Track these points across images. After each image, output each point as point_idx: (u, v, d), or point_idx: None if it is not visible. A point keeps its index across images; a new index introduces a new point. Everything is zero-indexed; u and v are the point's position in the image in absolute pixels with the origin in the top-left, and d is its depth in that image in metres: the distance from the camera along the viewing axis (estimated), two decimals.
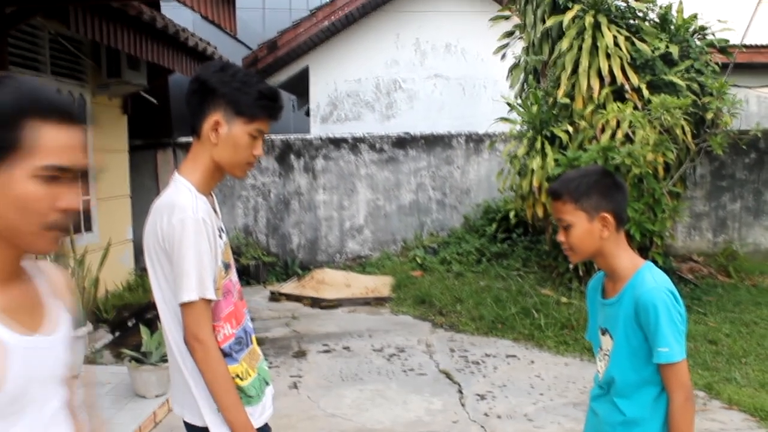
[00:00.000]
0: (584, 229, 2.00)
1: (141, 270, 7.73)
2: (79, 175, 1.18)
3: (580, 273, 7.17)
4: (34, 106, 1.12)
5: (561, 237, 2.06)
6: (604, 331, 2.13)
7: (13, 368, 1.14)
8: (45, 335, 1.23)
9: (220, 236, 2.05)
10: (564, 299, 6.99)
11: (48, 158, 1.12)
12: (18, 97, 1.11)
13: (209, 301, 1.94)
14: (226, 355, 1.99)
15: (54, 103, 1.15)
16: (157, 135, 9.04)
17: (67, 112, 1.16)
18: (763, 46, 10.52)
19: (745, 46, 8.24)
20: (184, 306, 1.92)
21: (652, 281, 1.97)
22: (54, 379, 1.27)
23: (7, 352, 1.13)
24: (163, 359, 4.58)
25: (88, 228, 7.01)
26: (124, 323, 6.41)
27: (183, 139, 9.06)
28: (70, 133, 1.16)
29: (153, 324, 4.95)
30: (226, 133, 1.98)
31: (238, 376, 2.02)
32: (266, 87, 2.05)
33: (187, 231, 1.91)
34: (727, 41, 7.71)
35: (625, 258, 2.05)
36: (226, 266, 2.07)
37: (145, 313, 6.51)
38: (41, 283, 1.30)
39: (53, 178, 1.13)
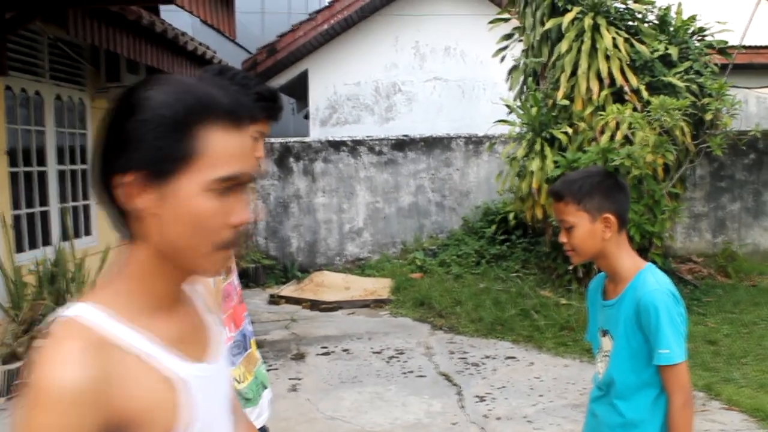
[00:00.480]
0: (586, 230, 2.00)
1: None
2: (249, 185, 1.03)
3: (580, 274, 7.18)
4: (206, 110, 0.98)
5: (563, 238, 2.05)
6: (604, 333, 2.13)
7: (198, 405, 1.01)
8: (212, 362, 1.09)
9: None
10: (563, 301, 7.00)
11: (222, 168, 0.97)
12: (188, 100, 0.97)
13: None
14: None
15: (227, 105, 1.01)
16: None
17: (240, 115, 1.03)
18: (762, 47, 10.52)
19: (744, 47, 8.24)
20: None
21: (654, 283, 1.97)
22: (226, 407, 1.14)
23: (189, 389, 0.99)
24: None
25: (88, 232, 7.02)
26: None
27: None
28: (242, 138, 1.02)
29: None
30: None
31: (235, 379, 2.02)
32: (265, 88, 2.06)
33: None
34: (726, 42, 7.72)
35: (627, 259, 2.05)
36: (227, 270, 2.08)
37: None
38: (198, 302, 1.15)
39: (227, 190, 0.98)
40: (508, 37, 8.42)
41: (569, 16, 7.07)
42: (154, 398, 0.93)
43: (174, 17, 7.95)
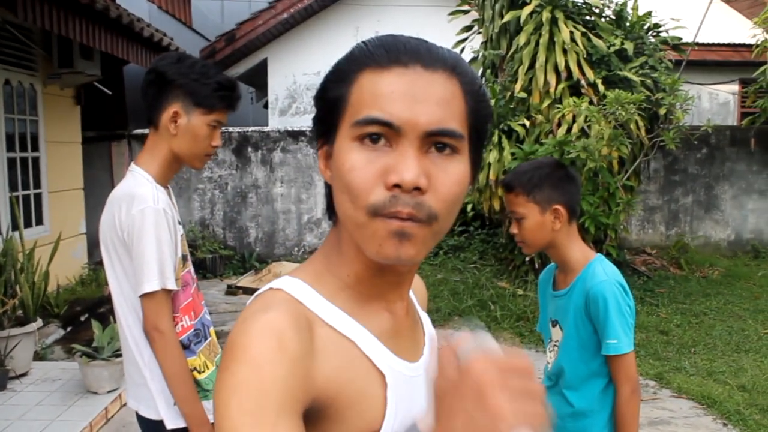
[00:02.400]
0: (536, 221, 2.01)
1: (95, 264, 7.58)
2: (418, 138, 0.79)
3: (536, 266, 7.25)
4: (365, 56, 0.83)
5: (514, 229, 2.07)
6: (554, 323, 2.15)
7: (405, 405, 0.88)
8: (421, 362, 0.96)
9: (178, 228, 2.05)
10: (520, 291, 7.08)
11: (365, 110, 0.80)
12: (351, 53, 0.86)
13: (169, 291, 1.94)
14: (184, 347, 1.99)
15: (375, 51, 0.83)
16: (111, 127, 8.86)
17: (388, 57, 0.82)
18: (714, 45, 10.76)
19: (698, 44, 8.41)
20: (145, 296, 1.91)
21: (602, 274, 1.99)
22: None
23: (399, 387, 0.89)
24: (116, 354, 4.50)
25: (39, 221, 6.85)
26: (75, 318, 6.29)
27: (138, 131, 8.89)
28: (395, 80, 0.81)
29: (105, 318, 4.86)
30: (185, 124, 1.98)
31: (195, 369, 2.01)
32: (224, 78, 2.06)
33: (148, 221, 1.90)
34: (680, 39, 7.86)
35: (577, 250, 2.07)
36: (184, 258, 2.07)
37: (98, 308, 6.40)
38: (416, 298, 1.05)
39: (377, 140, 0.80)
40: (468, 29, 8.45)
41: (527, 9, 7.12)
42: (363, 387, 0.84)
43: (130, 2, 7.79)
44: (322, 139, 0.87)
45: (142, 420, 2.06)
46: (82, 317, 6.32)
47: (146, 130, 2.06)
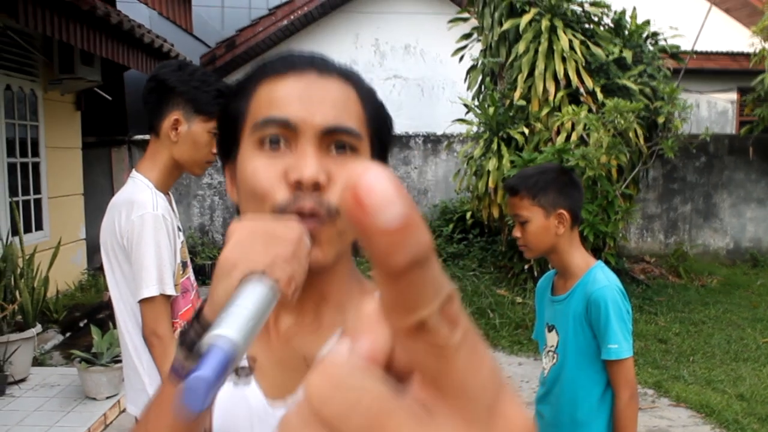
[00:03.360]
0: (540, 225, 2.02)
1: (94, 269, 7.58)
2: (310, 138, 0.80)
3: (535, 273, 7.25)
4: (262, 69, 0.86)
5: (517, 232, 2.07)
6: (550, 328, 2.15)
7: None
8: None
9: (178, 235, 2.05)
10: (519, 299, 7.08)
11: (262, 113, 0.81)
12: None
13: (168, 297, 1.94)
14: None
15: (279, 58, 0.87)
16: (111, 132, 8.88)
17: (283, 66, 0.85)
18: (713, 53, 10.79)
19: (696, 53, 8.44)
20: (144, 301, 1.92)
21: (604, 279, 2.00)
22: None
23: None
24: (115, 360, 4.50)
25: (39, 226, 6.86)
26: (75, 324, 6.28)
27: (138, 137, 8.91)
28: (290, 84, 0.83)
29: (104, 324, 4.86)
30: (185, 131, 2.00)
31: None
32: (224, 85, 2.08)
33: (147, 227, 1.91)
34: (678, 47, 7.89)
35: (578, 256, 2.08)
36: (184, 264, 2.08)
37: (97, 314, 6.40)
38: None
39: (276, 142, 0.80)
40: (467, 36, 8.47)
41: (527, 18, 7.15)
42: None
43: (131, 9, 7.81)
44: (226, 157, 0.87)
45: None
46: (81, 323, 6.32)
47: (146, 136, 2.08)
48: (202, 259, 8.88)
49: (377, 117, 0.87)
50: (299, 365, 0.83)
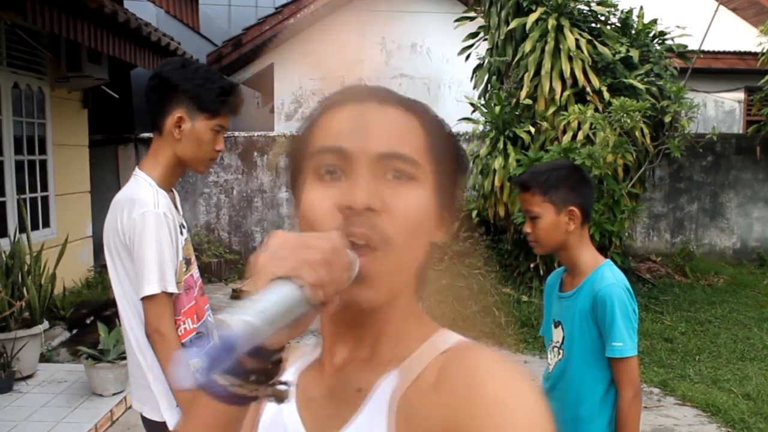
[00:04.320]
0: (551, 221, 2.03)
1: (100, 266, 7.61)
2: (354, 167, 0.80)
3: (541, 272, 7.25)
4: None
5: (527, 228, 2.08)
6: (557, 324, 2.16)
7: None
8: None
9: (181, 232, 2.06)
10: (525, 298, 7.08)
11: (318, 145, 0.82)
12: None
13: (170, 294, 1.95)
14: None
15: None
16: (118, 130, 8.91)
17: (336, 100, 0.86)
18: (720, 52, 10.75)
19: (703, 52, 8.41)
20: (146, 299, 1.92)
21: (611, 277, 2.01)
22: None
23: None
24: (121, 357, 4.52)
25: (46, 224, 6.89)
26: (81, 320, 6.30)
27: (145, 135, 8.93)
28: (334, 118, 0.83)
29: (111, 321, 4.87)
30: (189, 128, 2.00)
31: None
32: (227, 82, 2.08)
33: (149, 225, 1.92)
34: (685, 46, 7.87)
35: (587, 253, 2.08)
36: (188, 262, 2.08)
37: (104, 311, 6.41)
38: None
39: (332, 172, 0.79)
40: (474, 35, 8.47)
41: (533, 17, 7.14)
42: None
43: (138, 7, 7.83)
44: (294, 188, 0.86)
45: (146, 421, 2.07)
46: (87, 320, 6.34)
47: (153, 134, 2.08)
48: (207, 257, 8.90)
49: (443, 147, 0.84)
50: (352, 397, 0.80)
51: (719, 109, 11.65)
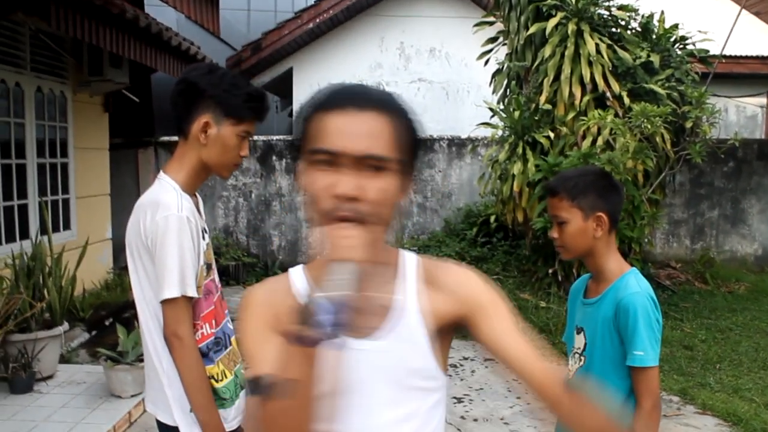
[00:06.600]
0: (578, 227, 2.02)
1: (120, 269, 7.67)
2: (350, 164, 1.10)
3: (559, 278, 7.21)
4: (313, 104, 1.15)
5: (554, 233, 2.07)
6: (579, 330, 2.14)
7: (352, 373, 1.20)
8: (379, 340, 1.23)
9: (204, 237, 2.06)
10: (543, 304, 7.03)
11: (315, 144, 1.12)
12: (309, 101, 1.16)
13: (190, 298, 1.95)
14: (203, 354, 1.99)
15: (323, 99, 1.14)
16: (138, 134, 8.98)
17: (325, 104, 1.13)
18: (742, 57, 10.66)
19: (725, 57, 8.34)
20: (166, 302, 1.92)
21: (635, 286, 1.99)
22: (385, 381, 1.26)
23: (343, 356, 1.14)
24: (140, 359, 4.55)
25: (67, 226, 6.95)
26: (100, 322, 6.36)
27: (165, 139, 9.00)
28: (330, 121, 1.11)
29: (130, 323, 4.91)
30: (215, 134, 2.00)
31: (213, 377, 2.02)
32: (254, 89, 2.09)
33: (171, 228, 1.92)
34: (707, 51, 7.79)
35: (614, 260, 2.07)
36: (208, 267, 2.08)
37: (123, 313, 6.47)
38: (396, 283, 1.30)
39: (326, 164, 1.10)
40: (493, 40, 8.45)
41: (553, 22, 7.11)
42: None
43: (159, 12, 7.90)
44: (297, 157, 1.19)
45: (160, 425, 2.08)
46: (107, 321, 6.40)
47: (173, 138, 2.11)
48: (226, 260, 8.95)
49: (405, 135, 1.13)
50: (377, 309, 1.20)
51: (741, 114, 11.53)
